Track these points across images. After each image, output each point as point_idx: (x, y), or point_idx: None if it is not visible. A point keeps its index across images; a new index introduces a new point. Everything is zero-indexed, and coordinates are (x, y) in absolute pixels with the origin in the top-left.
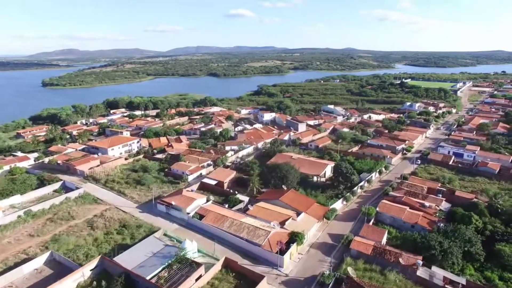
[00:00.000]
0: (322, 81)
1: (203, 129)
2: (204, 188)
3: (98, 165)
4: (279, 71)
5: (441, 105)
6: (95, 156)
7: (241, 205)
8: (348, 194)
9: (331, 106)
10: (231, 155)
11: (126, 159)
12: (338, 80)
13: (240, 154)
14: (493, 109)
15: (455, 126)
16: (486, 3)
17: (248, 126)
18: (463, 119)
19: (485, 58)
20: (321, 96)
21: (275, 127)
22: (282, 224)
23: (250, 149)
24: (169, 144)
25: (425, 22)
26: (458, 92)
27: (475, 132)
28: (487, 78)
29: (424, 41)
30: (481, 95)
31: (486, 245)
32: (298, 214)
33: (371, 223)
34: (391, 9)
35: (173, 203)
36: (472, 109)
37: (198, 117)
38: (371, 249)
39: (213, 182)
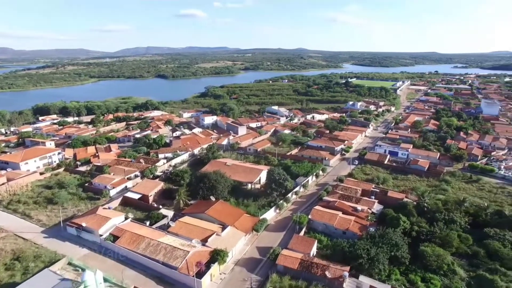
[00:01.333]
0: (270, 81)
1: (138, 135)
2: (127, 204)
3: (3, 183)
4: (229, 71)
5: (381, 103)
6: (2, 172)
7: (164, 221)
8: (281, 201)
9: (275, 107)
10: (163, 164)
11: (41, 173)
12: (286, 80)
13: (173, 162)
14: (426, 107)
15: (393, 124)
16: (424, 9)
17: (187, 131)
18: (400, 117)
19: (422, 58)
20: (267, 97)
21: (214, 131)
22: (204, 241)
23: (185, 156)
24: (97, 154)
25: (372, 24)
26: (398, 90)
27: (409, 130)
28: (423, 77)
29: (370, 42)
30: (417, 93)
31: (412, 246)
32: (224, 228)
33: (303, 232)
34: (340, 11)
35: (83, 224)
36: (409, 107)
37: (136, 122)
38: (298, 263)
39: (137, 196)
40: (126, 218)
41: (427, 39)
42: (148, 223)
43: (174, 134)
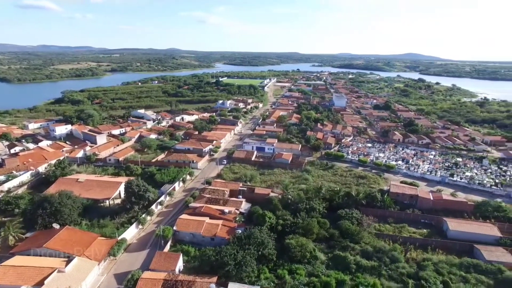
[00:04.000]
0: (139, 83)
1: None
2: None
3: None
4: (93, 74)
5: (250, 101)
6: None
7: None
8: (143, 215)
9: (141, 111)
10: None
11: None
12: (156, 82)
13: (6, 186)
14: (290, 102)
15: (260, 120)
16: (288, 14)
17: (30, 146)
18: (267, 113)
19: (286, 58)
20: (135, 100)
21: (68, 142)
22: (41, 284)
23: (24, 177)
24: None
25: (239, 26)
26: (265, 88)
27: (275, 124)
28: (287, 75)
29: (241, 43)
30: (283, 90)
31: (279, 240)
32: (70, 260)
33: (168, 246)
34: (209, 13)
35: None
36: (275, 103)
37: None
38: (161, 285)
39: None
40: None
41: (290, 41)
42: None
43: (12, 151)
